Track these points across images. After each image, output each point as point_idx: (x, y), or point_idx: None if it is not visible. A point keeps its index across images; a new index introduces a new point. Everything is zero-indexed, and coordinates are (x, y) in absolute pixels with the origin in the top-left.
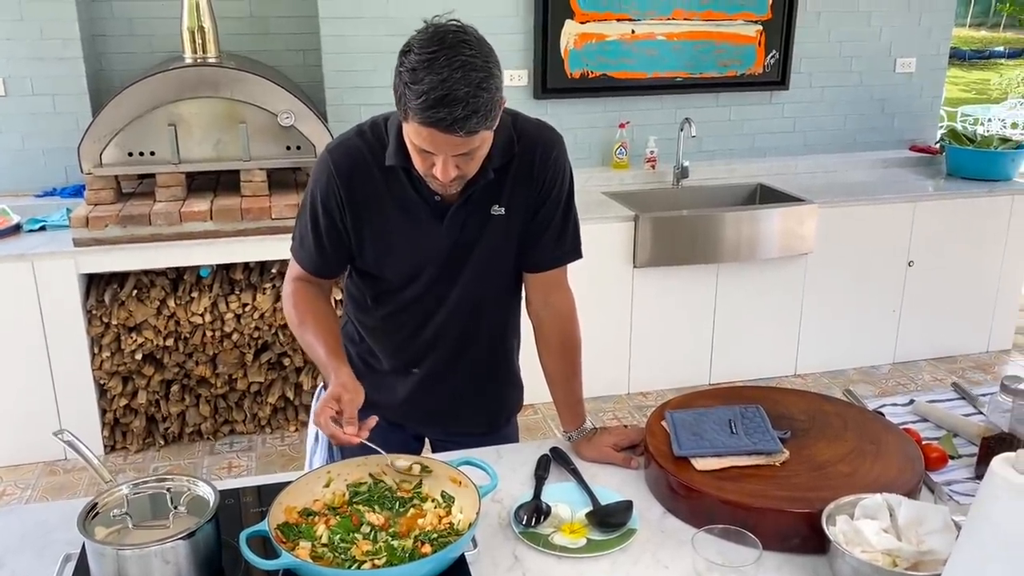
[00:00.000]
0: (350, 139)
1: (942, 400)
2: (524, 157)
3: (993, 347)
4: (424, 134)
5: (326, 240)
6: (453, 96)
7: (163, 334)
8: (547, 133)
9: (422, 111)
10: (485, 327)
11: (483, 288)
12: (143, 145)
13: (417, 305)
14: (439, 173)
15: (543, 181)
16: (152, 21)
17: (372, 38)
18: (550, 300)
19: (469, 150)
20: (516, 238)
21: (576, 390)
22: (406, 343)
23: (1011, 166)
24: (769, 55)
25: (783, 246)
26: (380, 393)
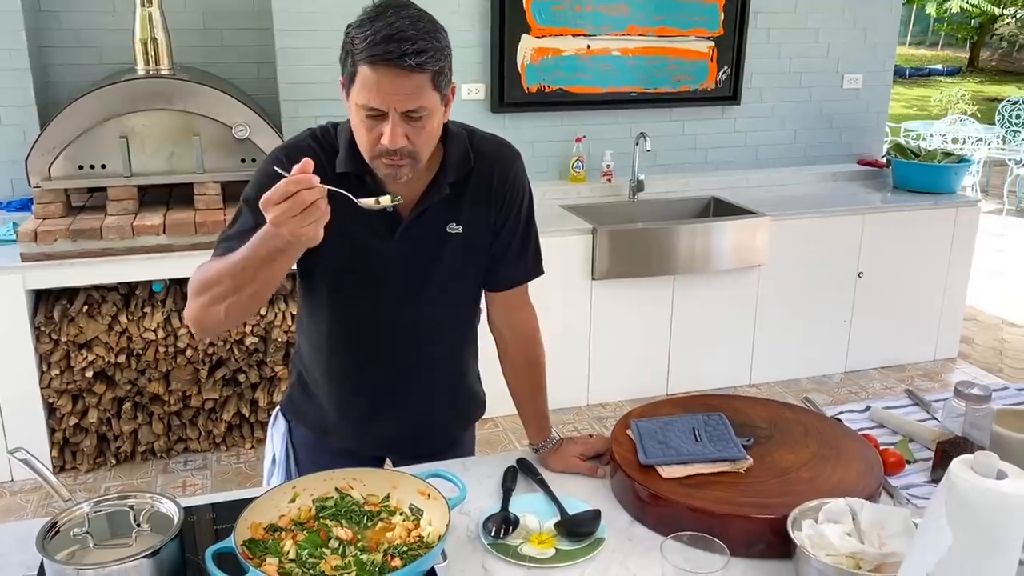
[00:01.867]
0: (303, 140)
1: (897, 406)
2: (482, 175)
3: (940, 355)
4: (372, 81)
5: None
6: (403, 35)
7: (115, 351)
8: (504, 151)
9: (370, 48)
10: (443, 349)
11: (441, 310)
12: (94, 158)
13: (370, 326)
14: (388, 137)
15: (502, 201)
16: (101, 33)
17: (327, 50)
18: (513, 319)
19: (418, 107)
20: (475, 259)
21: (541, 406)
22: (360, 365)
23: (954, 179)
24: (721, 71)
25: (736, 258)
26: (334, 418)
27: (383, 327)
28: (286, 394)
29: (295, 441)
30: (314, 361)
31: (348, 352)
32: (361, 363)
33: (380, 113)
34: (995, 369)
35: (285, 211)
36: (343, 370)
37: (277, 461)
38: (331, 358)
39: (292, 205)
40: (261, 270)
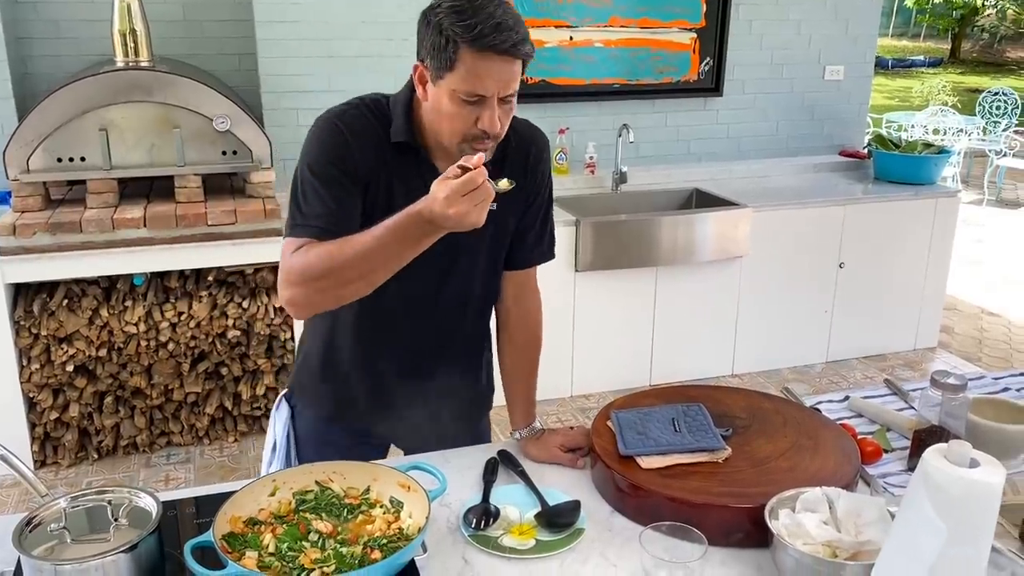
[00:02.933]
0: (353, 107)
1: (875, 396)
2: (518, 152)
3: (920, 345)
4: (480, 68)
5: (341, 194)
6: (505, 24)
7: (95, 344)
8: (539, 133)
9: (480, 38)
10: (469, 324)
11: (470, 284)
12: (73, 151)
13: (401, 299)
14: (489, 122)
15: (535, 180)
16: (79, 24)
17: (308, 42)
18: (520, 297)
19: (512, 93)
20: (503, 235)
21: (531, 389)
22: (390, 332)
23: (935, 170)
24: (703, 62)
25: (719, 249)
26: (354, 390)
27: (414, 299)
28: (292, 378)
29: (297, 428)
30: (332, 337)
31: (379, 320)
32: (391, 330)
33: (479, 99)
34: (974, 358)
35: (471, 201)
36: (372, 335)
37: (277, 448)
38: (356, 331)
39: (477, 195)
40: (402, 254)
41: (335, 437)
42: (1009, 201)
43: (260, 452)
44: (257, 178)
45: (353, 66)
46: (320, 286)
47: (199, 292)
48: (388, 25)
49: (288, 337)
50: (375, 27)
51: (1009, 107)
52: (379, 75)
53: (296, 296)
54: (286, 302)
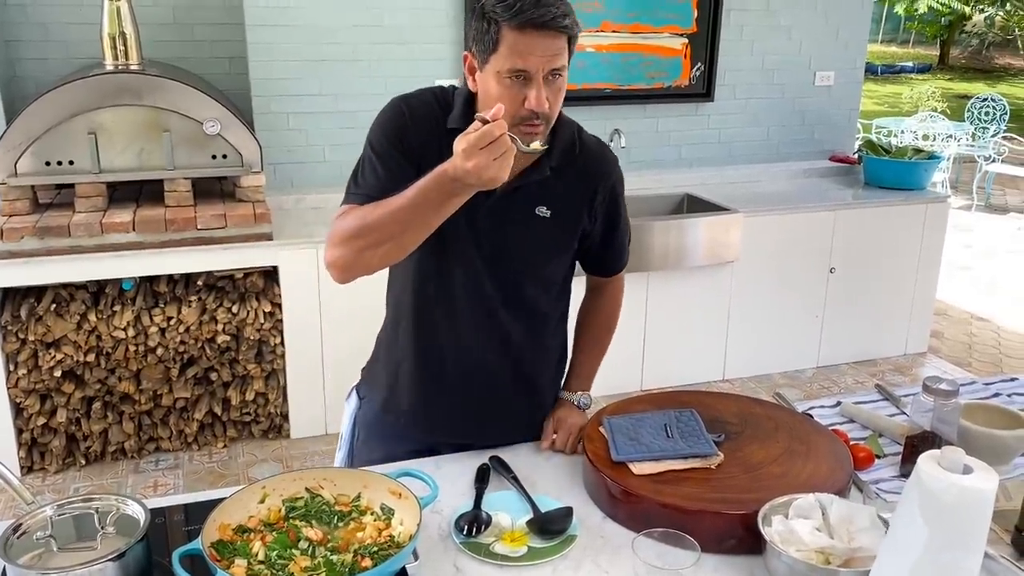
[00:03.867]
0: (422, 94)
1: (867, 401)
2: (585, 168)
3: (910, 350)
4: (521, 44)
5: (394, 168)
6: (546, 1)
7: (84, 349)
8: (609, 152)
9: (520, 13)
10: (520, 330)
11: (519, 289)
12: (61, 154)
13: (451, 290)
14: (534, 100)
15: (608, 200)
16: (69, 27)
17: (299, 45)
18: (604, 289)
19: (560, 67)
20: (558, 246)
21: (592, 364)
22: (441, 325)
23: (924, 176)
24: (695, 67)
25: (710, 254)
26: (405, 397)
27: (463, 295)
28: (364, 368)
29: (359, 419)
30: (401, 324)
31: (431, 312)
32: (443, 322)
33: (525, 76)
34: (964, 363)
35: (489, 154)
36: (422, 342)
37: (342, 439)
38: (410, 328)
39: (495, 148)
40: (429, 215)
41: (390, 432)
42: (998, 206)
43: (249, 458)
44: (247, 182)
45: (344, 70)
46: (356, 246)
47: (188, 297)
48: (379, 28)
49: (278, 342)
50: (366, 31)
51: (998, 113)
52: (371, 79)
53: (335, 256)
54: (327, 263)
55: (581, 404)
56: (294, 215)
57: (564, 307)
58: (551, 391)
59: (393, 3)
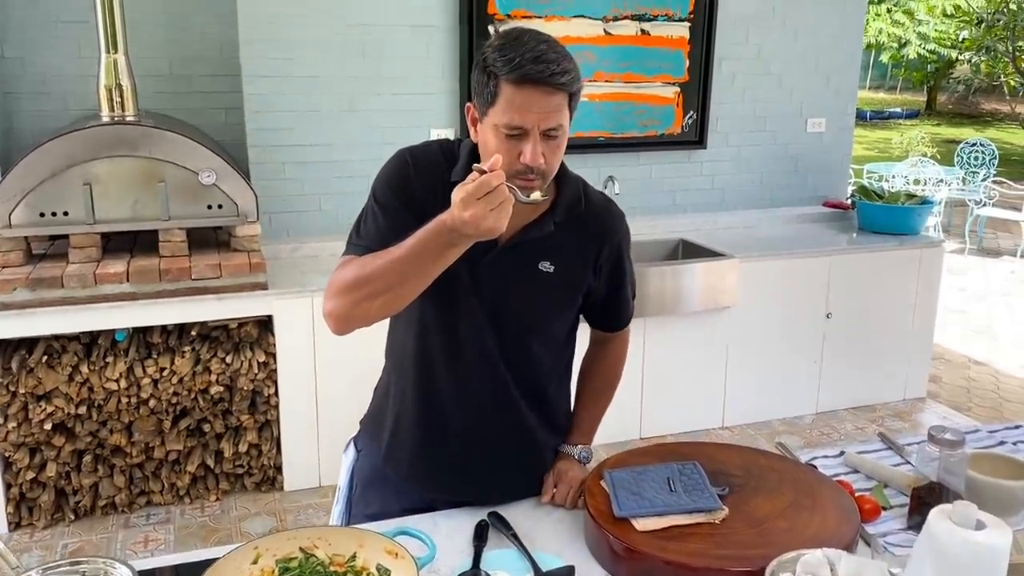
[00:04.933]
0: (428, 146)
1: (870, 451)
2: (589, 225)
3: (909, 395)
4: (517, 100)
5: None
6: (547, 57)
7: (75, 402)
8: (615, 207)
9: (518, 68)
10: (523, 385)
11: (521, 343)
12: (56, 205)
13: (453, 344)
14: (529, 155)
15: (612, 256)
16: (67, 79)
17: (296, 96)
18: (608, 343)
19: (557, 125)
20: (561, 302)
21: (594, 418)
22: (441, 380)
23: (918, 220)
24: (687, 115)
25: (706, 300)
26: (405, 450)
27: (465, 349)
28: (363, 419)
29: (356, 473)
30: (401, 375)
31: (432, 365)
32: (444, 375)
33: (521, 132)
34: (964, 408)
35: (486, 205)
36: (421, 393)
37: (339, 492)
38: (410, 379)
39: (492, 198)
40: (427, 266)
41: (389, 487)
42: (990, 250)
43: (242, 512)
44: (242, 232)
45: (340, 120)
46: (353, 297)
47: (182, 347)
48: (375, 79)
49: (272, 392)
50: (362, 81)
51: (987, 158)
52: (367, 129)
53: (332, 307)
54: (325, 314)
55: (582, 458)
56: (289, 264)
57: (568, 360)
58: (553, 446)
59: (389, 54)
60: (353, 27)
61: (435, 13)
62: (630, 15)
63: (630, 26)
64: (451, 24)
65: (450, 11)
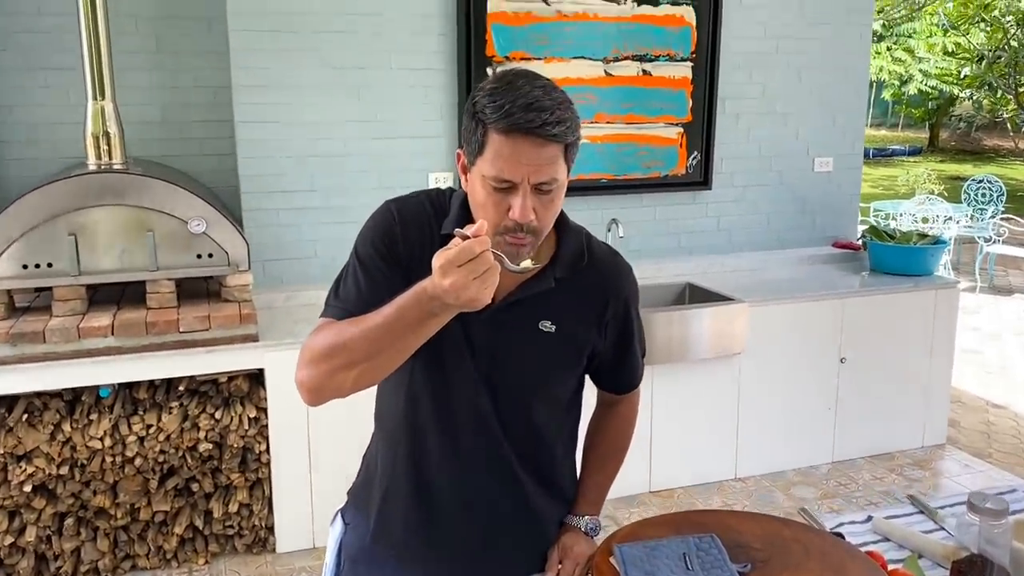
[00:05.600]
0: (415, 197)
1: (900, 515)
2: (593, 280)
3: (928, 442)
4: (507, 150)
5: (377, 278)
6: (540, 104)
7: (57, 462)
8: (621, 261)
9: (507, 116)
10: (524, 454)
11: (521, 408)
12: (40, 257)
13: (446, 409)
14: (518, 211)
15: (619, 315)
16: (56, 127)
17: (290, 141)
18: (617, 406)
19: (550, 179)
20: (564, 362)
21: (602, 486)
22: (433, 448)
23: (931, 261)
24: (691, 156)
25: (715, 346)
26: (395, 527)
27: (461, 415)
28: (350, 490)
29: (344, 548)
30: (391, 444)
31: (424, 433)
32: (437, 445)
33: (510, 185)
34: (985, 455)
35: (468, 273)
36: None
37: (326, 568)
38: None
39: (475, 266)
40: (407, 336)
41: (377, 561)
42: (1002, 288)
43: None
44: (233, 281)
45: (337, 166)
46: (327, 367)
47: (169, 403)
48: (371, 124)
49: (263, 449)
50: (358, 126)
51: (994, 194)
52: (364, 174)
53: (304, 377)
54: (296, 383)
55: (589, 530)
56: (283, 313)
57: (573, 425)
58: (558, 518)
59: (386, 97)
60: (348, 70)
61: (432, 56)
62: (631, 55)
63: (631, 67)
64: (449, 67)
65: (447, 53)
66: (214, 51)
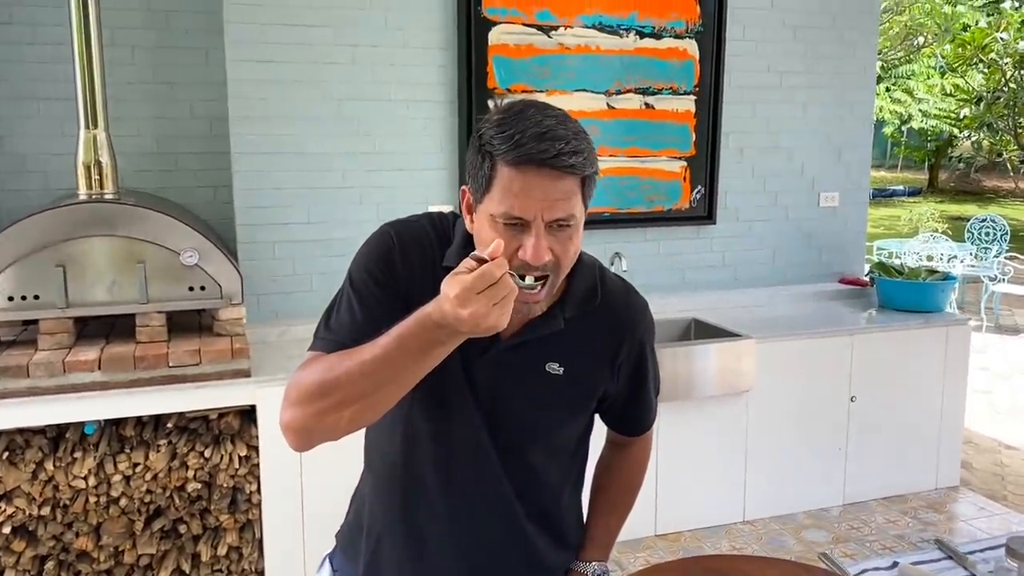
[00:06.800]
0: (416, 220)
1: (927, 561)
2: (606, 319)
3: (941, 484)
4: (518, 184)
5: (373, 307)
6: (554, 133)
7: (38, 502)
8: (636, 299)
9: (518, 147)
10: (527, 501)
11: (524, 453)
12: (26, 288)
13: (444, 452)
14: (531, 251)
15: (635, 354)
16: (48, 157)
17: (287, 173)
18: (628, 447)
19: (567, 216)
20: (572, 405)
21: (611, 529)
22: (428, 494)
23: (941, 297)
24: (695, 190)
25: (722, 384)
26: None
27: (459, 461)
28: (339, 532)
29: None
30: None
31: (420, 478)
32: (433, 491)
33: (521, 223)
34: (999, 497)
35: (488, 300)
36: (408, 506)
37: None
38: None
39: (495, 292)
40: (408, 368)
41: None
42: (1007, 327)
43: None
44: (226, 315)
45: (334, 197)
46: (317, 407)
47: (157, 440)
48: (369, 155)
49: (254, 489)
50: (356, 157)
51: (998, 233)
52: (363, 206)
53: (291, 419)
54: (282, 428)
55: None
56: (276, 348)
57: (580, 469)
58: (564, 565)
59: (384, 130)
60: (347, 102)
61: (432, 88)
62: (634, 88)
63: (634, 99)
64: (449, 98)
65: (448, 85)
66: (211, 82)
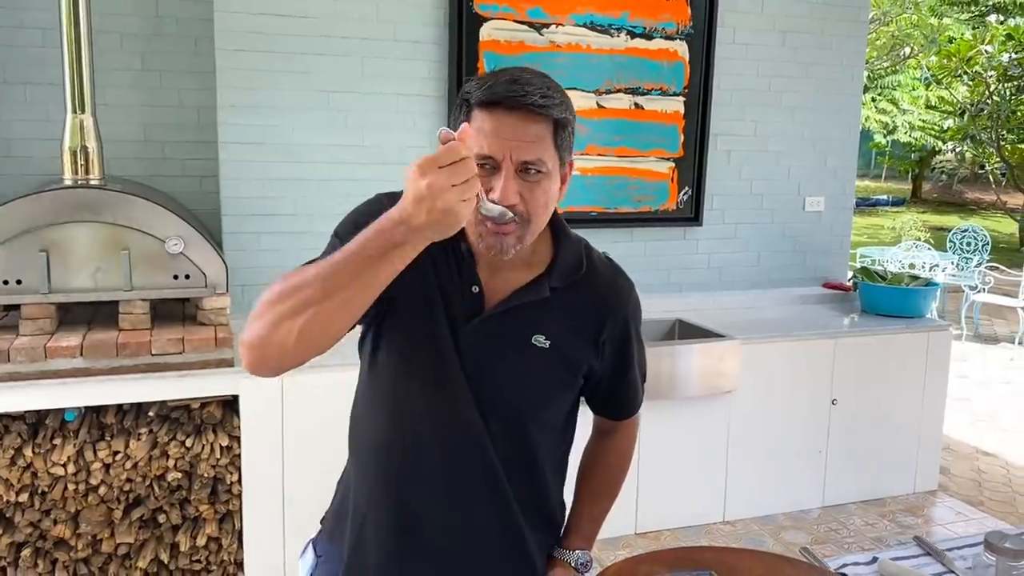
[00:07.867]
0: None
1: (906, 557)
2: (592, 294)
3: (920, 488)
4: (489, 125)
5: None
6: (526, 79)
7: (16, 488)
8: (623, 278)
9: (490, 90)
10: (514, 475)
11: (510, 426)
12: (9, 273)
13: (430, 424)
14: (499, 189)
15: (619, 333)
16: (33, 143)
17: (274, 164)
18: (614, 434)
19: (536, 159)
20: (557, 381)
21: (596, 518)
22: (414, 467)
23: (924, 303)
24: (682, 191)
25: (705, 384)
26: (371, 559)
27: (445, 436)
28: (323, 517)
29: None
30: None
31: (404, 455)
32: (419, 469)
33: (492, 165)
34: (976, 502)
35: (449, 176)
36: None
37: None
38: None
39: (458, 170)
40: (367, 271)
41: None
42: (987, 336)
43: None
44: (210, 304)
45: (321, 190)
46: (274, 315)
47: (138, 429)
48: (357, 148)
49: (235, 480)
50: (343, 150)
51: (979, 244)
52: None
53: (248, 334)
54: (240, 349)
55: (579, 565)
56: None
57: (565, 449)
58: (546, 549)
59: (373, 123)
60: (336, 94)
61: (422, 82)
62: (623, 88)
63: (623, 99)
64: (439, 94)
65: (438, 81)
66: (200, 71)
